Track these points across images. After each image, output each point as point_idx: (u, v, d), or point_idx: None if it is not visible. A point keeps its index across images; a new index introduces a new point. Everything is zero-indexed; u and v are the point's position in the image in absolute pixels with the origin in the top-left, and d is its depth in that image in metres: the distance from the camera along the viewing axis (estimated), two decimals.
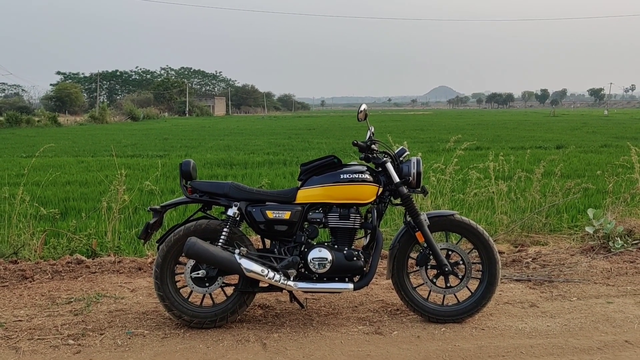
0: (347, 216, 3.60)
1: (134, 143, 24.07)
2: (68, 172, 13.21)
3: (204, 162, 15.25)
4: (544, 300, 4.09)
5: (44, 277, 4.62)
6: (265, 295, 4.07)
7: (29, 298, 4.16)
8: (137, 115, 65.68)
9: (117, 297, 4.17)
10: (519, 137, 24.96)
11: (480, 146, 17.81)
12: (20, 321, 3.70)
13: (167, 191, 9.39)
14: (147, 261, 5.04)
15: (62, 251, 5.34)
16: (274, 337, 3.47)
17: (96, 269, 4.83)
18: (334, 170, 3.61)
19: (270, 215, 3.58)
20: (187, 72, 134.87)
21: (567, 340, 3.39)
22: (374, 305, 4.00)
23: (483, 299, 3.68)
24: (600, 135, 25.38)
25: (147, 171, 12.48)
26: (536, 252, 5.37)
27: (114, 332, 3.54)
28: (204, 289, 3.61)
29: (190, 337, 3.46)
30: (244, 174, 12.59)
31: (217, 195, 3.66)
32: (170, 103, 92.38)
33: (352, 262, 3.55)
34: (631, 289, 4.30)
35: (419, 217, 3.64)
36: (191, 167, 3.64)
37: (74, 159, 16.92)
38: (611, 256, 5.11)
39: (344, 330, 3.55)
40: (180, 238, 3.57)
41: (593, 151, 17.19)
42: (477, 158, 12.42)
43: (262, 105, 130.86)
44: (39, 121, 47.38)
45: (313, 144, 22.49)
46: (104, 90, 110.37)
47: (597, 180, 8.94)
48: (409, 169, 3.64)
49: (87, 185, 11.03)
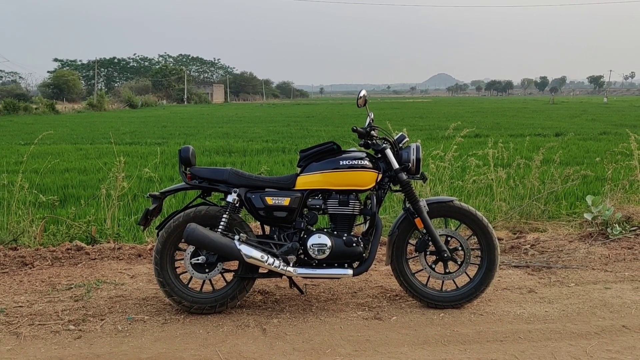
0: (347, 202, 3.61)
1: (133, 131, 23.99)
2: (67, 159, 13.18)
3: (203, 149, 15.22)
4: (542, 286, 4.11)
5: (44, 263, 4.64)
6: (265, 281, 4.09)
7: (29, 284, 4.17)
8: (135, 103, 65.40)
9: (117, 284, 4.19)
10: (518, 124, 24.91)
11: (479, 133, 17.77)
12: (21, 307, 3.72)
13: (166, 178, 9.37)
14: (147, 248, 5.05)
15: (62, 238, 5.35)
16: (274, 322, 3.49)
17: (96, 255, 4.85)
18: (334, 157, 3.61)
19: (269, 202, 3.58)
20: (185, 59, 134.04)
21: (565, 325, 3.41)
22: (373, 291, 4.02)
23: (482, 285, 3.70)
24: (600, 123, 25.34)
25: (146, 159, 12.45)
26: (535, 238, 5.39)
27: (115, 317, 3.56)
28: (203, 275, 3.63)
29: (190, 323, 3.48)
30: (243, 162, 12.58)
31: (216, 181, 3.66)
32: (168, 90, 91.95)
33: (352, 248, 3.56)
34: (629, 275, 4.33)
35: (418, 203, 3.64)
36: (190, 154, 3.63)
37: (72, 146, 16.86)
38: (609, 242, 5.13)
39: (343, 316, 3.57)
40: (180, 224, 3.57)
41: (592, 139, 17.16)
42: (476, 145, 12.40)
43: (261, 93, 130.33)
44: (37, 108, 47.16)
45: (312, 131, 22.43)
46: (102, 77, 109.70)
47: (596, 167, 8.96)
48: (409, 156, 3.64)
49: (86, 173, 11.01)
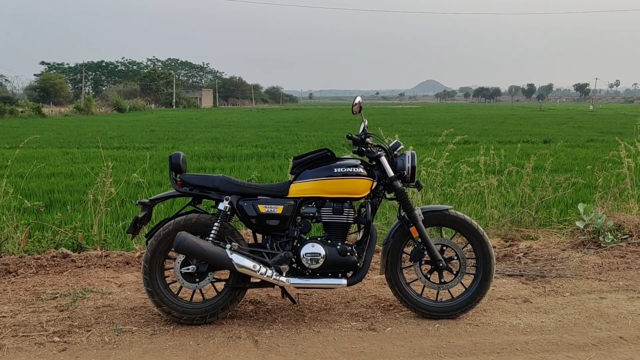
0: (341, 210, 3.54)
1: (121, 135, 23.78)
2: (53, 163, 12.99)
3: (192, 154, 15.10)
4: (537, 296, 4.07)
5: (29, 271, 4.51)
6: (257, 291, 4.00)
7: (12, 293, 4.05)
8: (123, 107, 64.99)
9: (104, 293, 4.08)
10: (506, 131, 25.08)
11: (469, 140, 17.83)
12: (4, 317, 3.59)
13: (155, 184, 9.26)
14: (135, 255, 4.94)
15: (47, 245, 5.22)
16: (266, 333, 3.40)
17: (82, 263, 4.73)
18: (328, 164, 3.55)
19: (262, 210, 3.51)
20: (174, 63, 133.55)
21: (562, 336, 3.37)
22: (367, 300, 3.95)
23: (477, 295, 3.65)
24: (587, 130, 25.60)
25: (134, 163, 12.31)
26: (527, 246, 5.36)
27: (101, 328, 3.45)
28: (194, 285, 3.54)
29: (180, 334, 3.39)
30: (232, 167, 12.48)
31: (207, 188, 3.58)
32: (157, 94, 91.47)
33: (346, 258, 3.49)
34: (623, 284, 4.30)
35: (413, 211, 3.59)
36: (181, 160, 3.55)
37: (58, 150, 16.65)
38: (602, 251, 5.12)
39: (336, 327, 3.50)
40: (170, 232, 3.49)
41: (580, 146, 17.31)
42: (466, 152, 12.43)
43: (250, 98, 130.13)
44: (23, 112, 46.68)
45: (301, 136, 22.39)
46: (90, 81, 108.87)
47: (585, 174, 8.99)
48: (404, 163, 3.59)
49: (73, 177, 10.84)
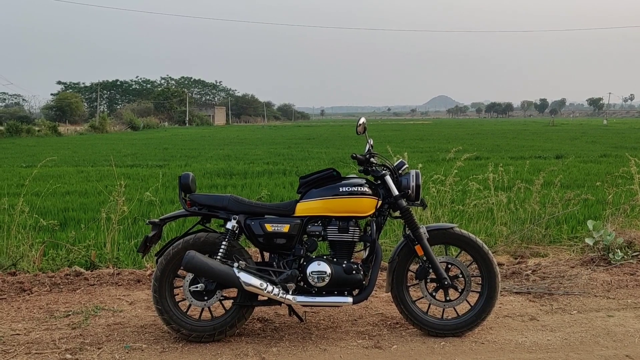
0: (346, 229, 3.59)
1: (134, 153, 24.09)
2: (68, 182, 13.20)
3: (204, 171, 15.25)
4: (544, 314, 4.07)
5: (43, 289, 4.61)
6: (264, 309, 4.05)
7: (27, 311, 4.14)
8: (137, 125, 65.85)
9: (115, 310, 4.15)
10: (518, 146, 24.99)
11: (480, 156, 17.81)
12: (18, 335, 3.68)
13: (167, 201, 9.37)
14: (146, 273, 5.02)
15: (61, 262, 5.33)
16: (273, 351, 3.45)
17: (95, 281, 4.82)
18: (333, 183, 3.61)
19: (269, 229, 3.57)
20: (187, 81, 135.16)
21: (568, 354, 3.37)
22: (373, 318, 3.98)
23: (483, 313, 3.67)
24: (600, 145, 25.40)
25: (147, 181, 12.48)
26: (536, 263, 5.35)
27: (112, 346, 3.52)
28: (202, 303, 3.60)
29: (189, 351, 3.44)
30: (244, 184, 12.58)
31: (216, 208, 3.65)
32: (170, 112, 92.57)
33: (351, 276, 3.53)
34: (632, 302, 4.28)
35: (418, 230, 3.63)
36: (190, 180, 3.64)
37: (73, 168, 16.92)
38: (611, 268, 5.10)
39: (343, 344, 3.53)
40: (179, 251, 3.56)
41: (592, 161, 17.19)
42: (477, 168, 12.41)
43: (262, 115, 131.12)
44: (39, 131, 47.47)
45: (313, 153, 22.50)
46: (104, 99, 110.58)
47: (597, 190, 8.94)
48: (408, 182, 3.64)
49: (87, 196, 11.02)
